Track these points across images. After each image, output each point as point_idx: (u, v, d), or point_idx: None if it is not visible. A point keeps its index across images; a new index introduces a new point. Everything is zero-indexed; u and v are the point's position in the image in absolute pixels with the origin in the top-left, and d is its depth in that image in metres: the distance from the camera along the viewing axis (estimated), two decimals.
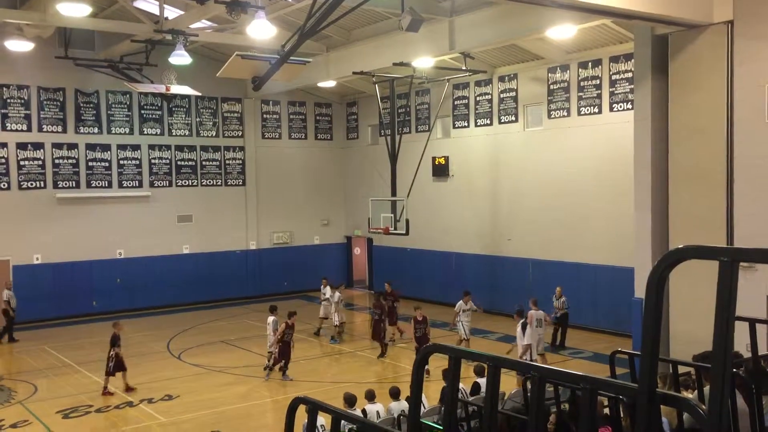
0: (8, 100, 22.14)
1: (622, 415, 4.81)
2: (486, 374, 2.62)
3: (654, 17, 13.25)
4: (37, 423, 13.08)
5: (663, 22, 13.64)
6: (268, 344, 15.99)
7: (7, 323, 20.06)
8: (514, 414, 4.69)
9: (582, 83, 19.55)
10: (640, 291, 15.04)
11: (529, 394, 6.73)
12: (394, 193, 21.60)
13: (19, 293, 22.08)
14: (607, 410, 5.34)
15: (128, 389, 14.88)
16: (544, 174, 20.63)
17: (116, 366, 14.72)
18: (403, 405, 10.36)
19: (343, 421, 3.71)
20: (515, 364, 2.56)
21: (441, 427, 4.55)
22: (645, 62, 14.76)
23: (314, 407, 3.32)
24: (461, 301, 17.21)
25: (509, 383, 11.08)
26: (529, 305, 15.42)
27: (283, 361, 15.53)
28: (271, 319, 16.10)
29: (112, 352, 14.71)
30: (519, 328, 15.15)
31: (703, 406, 2.08)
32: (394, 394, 10.57)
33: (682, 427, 3.88)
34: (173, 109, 24.95)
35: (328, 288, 20.19)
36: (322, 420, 8.48)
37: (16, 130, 22.25)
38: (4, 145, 22.03)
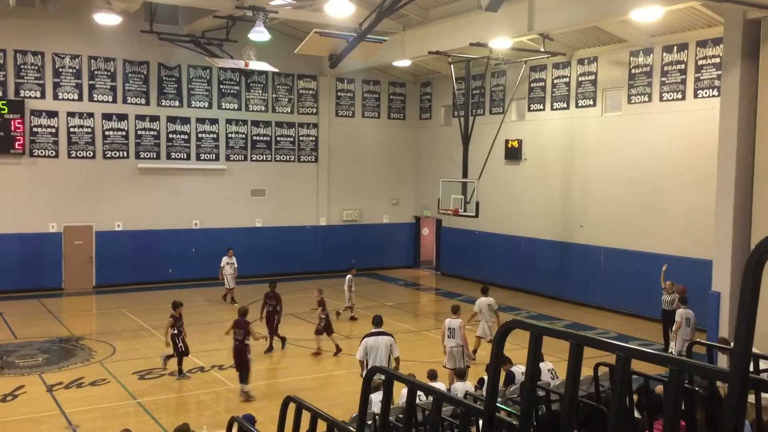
0: (95, 72, 22.99)
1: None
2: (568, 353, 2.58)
3: (747, 0, 12.69)
4: (115, 382, 13.69)
5: (756, 5, 13.05)
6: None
7: None
8: (587, 401, 4.64)
9: (665, 68, 18.91)
10: (717, 284, 14.60)
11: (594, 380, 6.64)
12: (465, 175, 21.51)
13: (101, 258, 23.15)
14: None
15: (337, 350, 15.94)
16: (621, 160, 20.12)
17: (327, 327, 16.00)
18: (467, 386, 10.40)
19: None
20: (599, 344, 2.54)
21: (516, 412, 4.56)
22: (735, 47, 14.18)
23: (391, 378, 3.38)
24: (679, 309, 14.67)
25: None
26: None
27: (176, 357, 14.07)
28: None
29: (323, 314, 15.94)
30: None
31: None
32: (460, 374, 10.60)
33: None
34: (251, 84, 25.42)
35: (234, 258, 21.19)
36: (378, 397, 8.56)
37: (102, 101, 23.12)
38: (90, 115, 22.94)
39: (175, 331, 14.05)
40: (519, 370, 10.69)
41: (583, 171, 21.44)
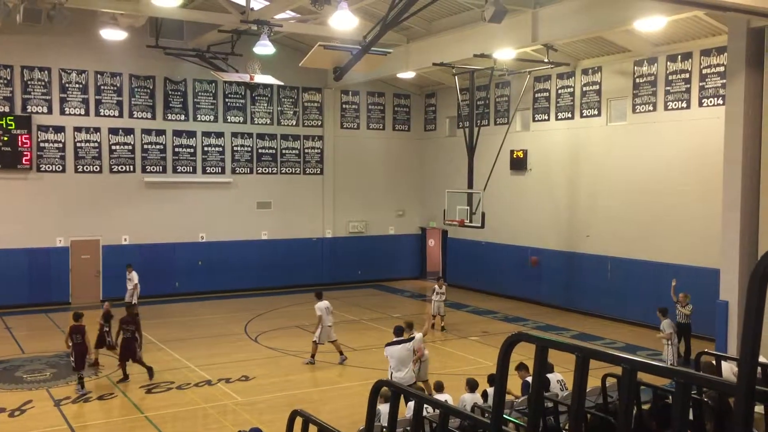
0: (102, 87, 23.13)
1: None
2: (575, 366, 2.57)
3: (750, 9, 12.69)
4: (122, 396, 13.68)
5: (760, 14, 13.05)
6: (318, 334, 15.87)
7: None
8: (595, 412, 4.62)
9: (670, 77, 18.92)
10: (725, 293, 14.53)
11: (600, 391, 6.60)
12: (470, 186, 21.51)
13: (108, 272, 23.19)
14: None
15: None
16: (627, 170, 20.10)
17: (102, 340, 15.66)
18: (476, 397, 10.34)
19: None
20: (605, 356, 2.53)
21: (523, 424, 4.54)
22: (739, 56, 14.19)
23: (397, 391, 3.38)
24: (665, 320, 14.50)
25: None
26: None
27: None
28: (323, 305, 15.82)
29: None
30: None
31: None
32: (472, 386, 10.54)
33: None
34: (256, 98, 25.52)
35: (134, 273, 20.75)
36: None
37: (109, 116, 23.24)
38: (97, 130, 23.06)
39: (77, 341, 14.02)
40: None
41: (589, 181, 21.42)
